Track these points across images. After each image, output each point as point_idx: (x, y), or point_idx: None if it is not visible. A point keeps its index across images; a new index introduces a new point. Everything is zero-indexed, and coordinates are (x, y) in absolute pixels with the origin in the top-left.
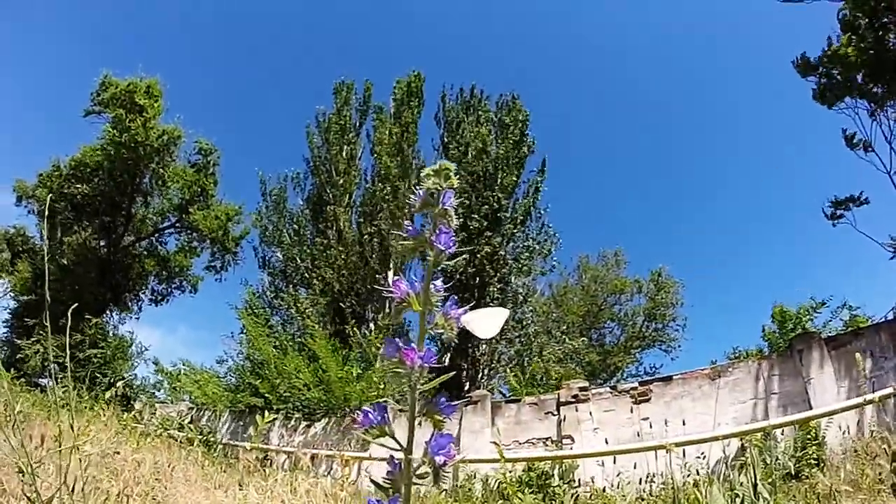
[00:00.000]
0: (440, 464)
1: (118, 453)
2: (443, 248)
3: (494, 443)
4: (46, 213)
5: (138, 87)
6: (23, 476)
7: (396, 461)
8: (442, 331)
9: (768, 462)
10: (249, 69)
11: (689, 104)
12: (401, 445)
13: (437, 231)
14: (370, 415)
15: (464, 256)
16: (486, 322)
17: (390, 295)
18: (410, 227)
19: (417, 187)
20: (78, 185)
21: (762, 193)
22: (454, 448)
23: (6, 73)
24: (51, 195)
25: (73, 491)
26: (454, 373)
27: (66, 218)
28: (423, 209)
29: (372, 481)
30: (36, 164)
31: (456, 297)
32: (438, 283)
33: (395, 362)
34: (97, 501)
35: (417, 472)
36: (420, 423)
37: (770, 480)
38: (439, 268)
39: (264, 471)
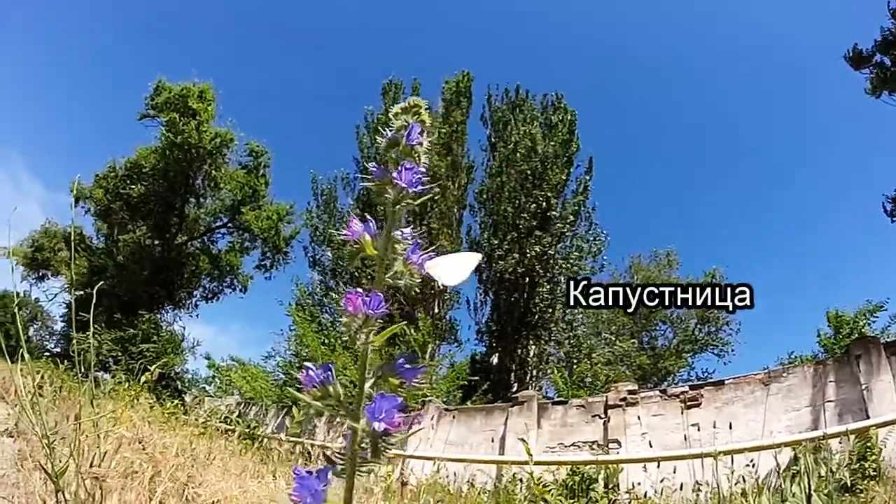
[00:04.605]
0: (380, 432)
1: (151, 438)
2: (405, 186)
3: (522, 439)
4: (73, 203)
5: (191, 91)
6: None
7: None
8: (402, 278)
9: (822, 473)
10: (300, 72)
11: (744, 102)
12: (347, 410)
13: (400, 168)
14: (311, 372)
15: (429, 196)
16: (451, 268)
17: (346, 237)
18: (375, 169)
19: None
20: (133, 186)
21: (818, 192)
22: (400, 415)
23: (66, 80)
24: (106, 195)
25: (91, 465)
26: (498, 369)
27: (122, 217)
28: (389, 149)
29: (325, 456)
30: (93, 165)
31: (420, 243)
32: (407, 230)
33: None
34: (121, 476)
35: (362, 444)
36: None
37: (826, 492)
38: (405, 209)
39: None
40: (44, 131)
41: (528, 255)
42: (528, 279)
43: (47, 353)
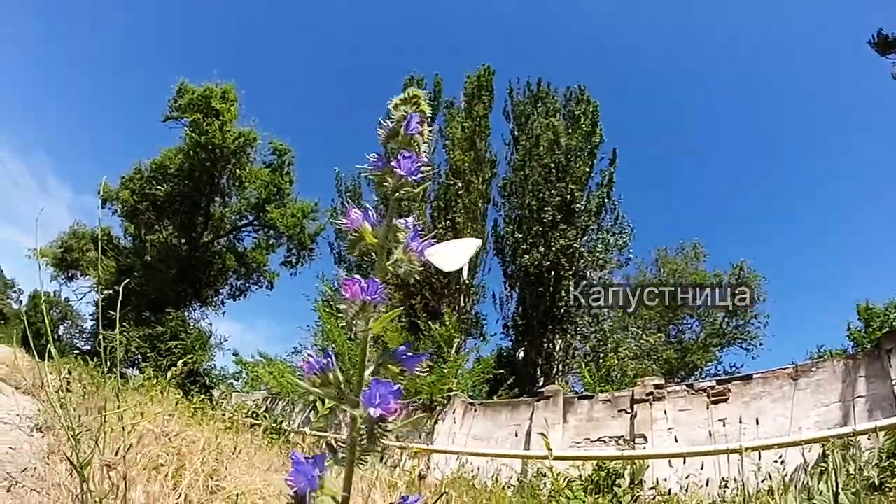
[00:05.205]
0: (375, 418)
1: (176, 432)
2: (404, 175)
3: (542, 434)
4: (100, 204)
5: (214, 92)
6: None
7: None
8: (402, 266)
9: (851, 471)
10: (323, 70)
11: (773, 89)
12: (346, 396)
13: (399, 157)
14: (312, 359)
15: (427, 185)
16: (451, 254)
17: (345, 226)
18: (376, 160)
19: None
20: (159, 187)
21: (846, 183)
22: (396, 400)
23: (90, 85)
24: (132, 196)
25: (116, 454)
26: (524, 360)
27: (149, 218)
28: (389, 141)
29: (327, 444)
30: (118, 168)
31: (420, 230)
32: (409, 219)
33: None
34: (145, 469)
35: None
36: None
37: (854, 490)
38: (404, 198)
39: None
40: (70, 136)
41: (553, 248)
42: (553, 273)
43: (77, 351)
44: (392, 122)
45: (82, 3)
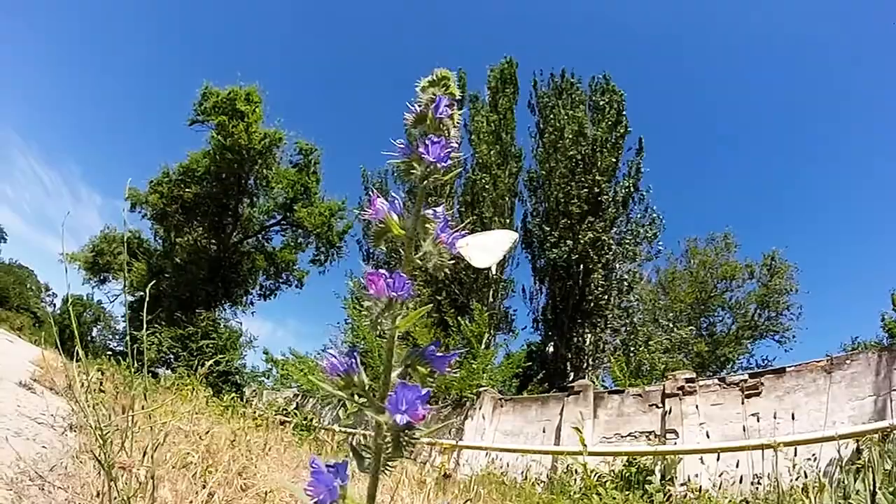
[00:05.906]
0: (401, 425)
1: (205, 430)
2: (433, 161)
3: (576, 428)
4: (129, 207)
5: (238, 94)
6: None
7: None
8: (431, 259)
9: (888, 468)
10: (347, 68)
11: (807, 76)
12: (370, 401)
13: (427, 142)
14: (334, 359)
15: (458, 172)
16: (484, 248)
17: (370, 216)
18: (403, 146)
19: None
20: (187, 189)
21: (879, 172)
22: (424, 406)
23: (116, 93)
24: (161, 199)
25: (144, 455)
26: (554, 357)
27: (178, 220)
28: (416, 126)
29: (351, 446)
30: (146, 173)
31: (449, 220)
32: (439, 209)
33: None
34: (174, 467)
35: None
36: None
37: (892, 490)
38: (433, 188)
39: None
40: (98, 143)
41: (581, 241)
42: (581, 266)
43: (110, 352)
44: (419, 107)
45: (106, 13)
